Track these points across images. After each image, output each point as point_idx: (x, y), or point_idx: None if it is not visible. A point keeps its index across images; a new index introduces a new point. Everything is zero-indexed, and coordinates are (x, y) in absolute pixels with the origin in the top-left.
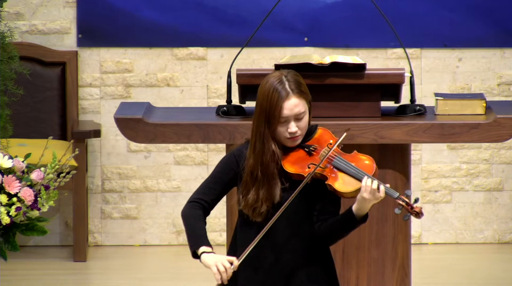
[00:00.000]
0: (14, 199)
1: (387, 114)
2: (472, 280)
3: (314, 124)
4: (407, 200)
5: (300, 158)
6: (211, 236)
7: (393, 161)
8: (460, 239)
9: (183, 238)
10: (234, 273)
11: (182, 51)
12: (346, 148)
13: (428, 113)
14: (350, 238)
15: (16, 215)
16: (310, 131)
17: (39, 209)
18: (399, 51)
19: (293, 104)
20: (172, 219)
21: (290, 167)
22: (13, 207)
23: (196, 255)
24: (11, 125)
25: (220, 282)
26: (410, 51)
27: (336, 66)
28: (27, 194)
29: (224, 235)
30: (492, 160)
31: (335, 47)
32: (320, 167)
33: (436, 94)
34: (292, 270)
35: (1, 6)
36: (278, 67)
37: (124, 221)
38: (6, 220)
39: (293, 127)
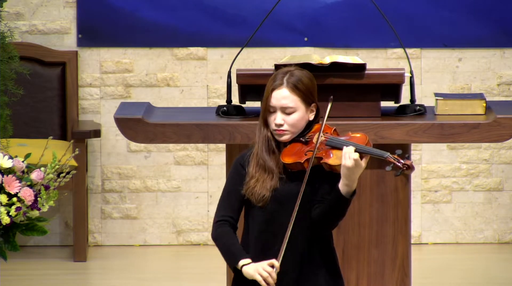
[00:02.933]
0: (14, 199)
1: (387, 114)
2: (472, 280)
3: (311, 122)
4: (397, 157)
5: (297, 149)
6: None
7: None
8: (460, 239)
9: (183, 238)
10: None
11: (182, 51)
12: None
13: (428, 113)
14: (350, 238)
15: (16, 215)
16: (306, 128)
17: (39, 209)
18: (399, 51)
19: (281, 95)
20: (172, 219)
21: (288, 158)
22: (13, 207)
23: (236, 270)
24: (11, 125)
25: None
26: (410, 51)
27: (336, 66)
28: (27, 194)
29: None
30: (492, 160)
31: (335, 47)
32: (317, 151)
33: (436, 94)
34: (295, 259)
35: (1, 6)
36: (278, 67)
37: (124, 221)
38: (6, 220)
39: (278, 118)
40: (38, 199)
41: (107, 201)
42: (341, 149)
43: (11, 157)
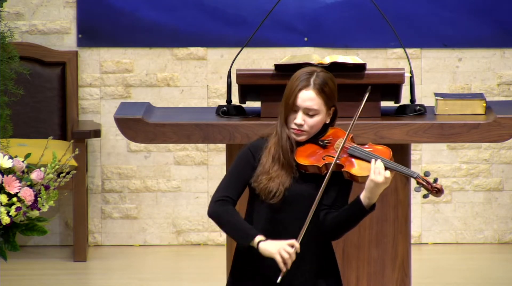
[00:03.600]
0: (14, 199)
1: (387, 114)
2: (472, 280)
3: (326, 125)
4: (426, 178)
5: (314, 151)
6: (211, 236)
7: (393, 161)
8: (460, 239)
9: (183, 238)
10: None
11: (182, 51)
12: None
13: (428, 113)
14: (350, 238)
15: (16, 215)
16: (322, 131)
17: (39, 209)
18: (399, 51)
19: (308, 97)
20: (172, 219)
21: (304, 160)
22: (13, 207)
23: (244, 247)
24: (11, 125)
25: (284, 269)
26: (410, 51)
27: (336, 66)
28: (27, 194)
29: (224, 235)
30: (492, 160)
31: (335, 47)
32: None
33: (436, 94)
34: (300, 262)
35: (1, 6)
36: (278, 67)
37: (124, 221)
38: (6, 220)
39: (299, 118)
40: (38, 199)
41: (107, 201)
42: (364, 160)
43: (11, 157)
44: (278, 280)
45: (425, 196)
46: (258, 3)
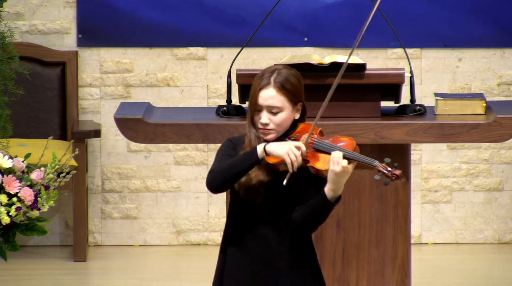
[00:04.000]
0: (14, 199)
1: (387, 114)
2: (472, 280)
3: (296, 121)
4: (386, 166)
5: None
6: (211, 236)
7: (393, 161)
8: (460, 239)
9: (183, 238)
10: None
11: (182, 51)
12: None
13: (428, 113)
14: (350, 237)
15: (16, 215)
16: (291, 127)
17: (39, 209)
18: (399, 51)
19: (268, 95)
20: (172, 219)
21: (273, 158)
22: (13, 207)
23: (256, 161)
24: (11, 125)
25: (291, 171)
26: (410, 51)
27: (336, 66)
28: (27, 194)
29: None
30: (492, 160)
31: (335, 47)
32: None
33: (436, 94)
34: (277, 260)
35: (1, 6)
36: None
37: (124, 221)
38: (6, 220)
39: (264, 117)
40: (38, 199)
41: (107, 201)
42: (328, 153)
43: (11, 157)
44: (285, 182)
45: (386, 184)
46: (258, 3)
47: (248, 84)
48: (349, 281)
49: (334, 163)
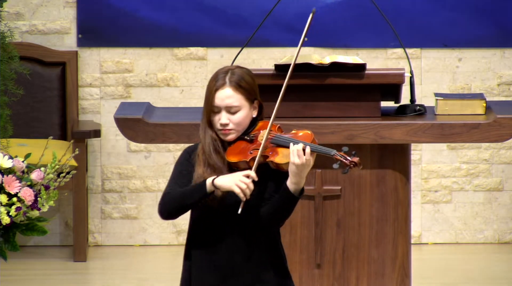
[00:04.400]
0: (14, 199)
1: (387, 114)
2: (472, 280)
3: (254, 119)
4: (344, 154)
5: (243, 148)
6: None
7: (393, 161)
8: (460, 239)
9: (183, 238)
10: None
11: (182, 51)
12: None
13: (428, 113)
14: (350, 237)
15: (16, 215)
16: (250, 126)
17: (39, 209)
18: (399, 51)
19: (225, 95)
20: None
21: (233, 158)
22: (13, 207)
23: (205, 194)
24: (11, 125)
25: (244, 199)
26: (410, 51)
27: (336, 66)
28: (27, 194)
29: None
30: (492, 160)
31: (335, 47)
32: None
33: (436, 94)
34: (242, 261)
35: (1, 6)
36: (278, 67)
37: (124, 221)
38: (6, 220)
39: (223, 118)
40: (38, 199)
41: (107, 201)
42: (287, 147)
43: (11, 157)
44: (239, 211)
45: (344, 172)
46: (258, 3)
47: None
48: (349, 281)
49: (294, 155)
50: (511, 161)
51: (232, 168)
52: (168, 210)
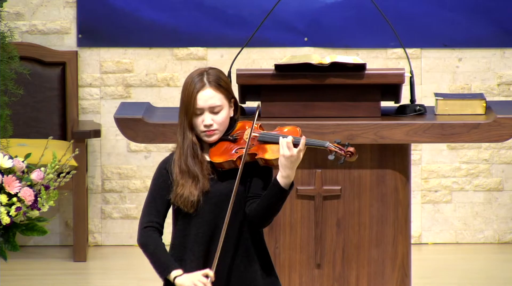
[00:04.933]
0: (14, 199)
1: (387, 114)
2: (472, 280)
3: (234, 120)
4: (338, 145)
5: (226, 148)
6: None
7: (393, 161)
8: (460, 239)
9: None
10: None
11: (182, 51)
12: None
13: (428, 113)
14: (350, 237)
15: (16, 215)
16: (231, 126)
17: (39, 209)
18: (399, 51)
19: (208, 96)
20: (172, 219)
21: (218, 158)
22: (13, 207)
23: (168, 282)
24: (11, 125)
25: None
26: (410, 51)
27: (336, 66)
28: (27, 194)
29: None
30: (492, 160)
31: (335, 47)
32: (249, 147)
33: (436, 94)
34: (228, 260)
35: (1, 6)
36: (278, 67)
37: (124, 221)
38: (6, 220)
39: (207, 119)
40: (38, 199)
41: (107, 201)
42: (274, 143)
43: (11, 157)
44: None
45: (340, 162)
46: (258, 3)
47: (248, 84)
48: (349, 281)
49: (284, 147)
50: (511, 161)
51: (217, 168)
52: (142, 250)
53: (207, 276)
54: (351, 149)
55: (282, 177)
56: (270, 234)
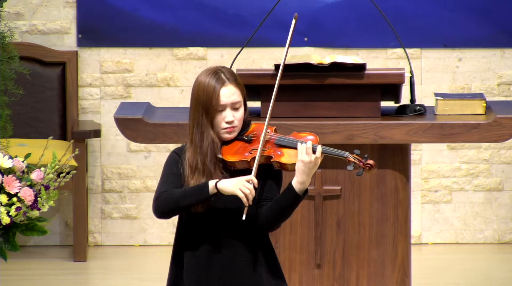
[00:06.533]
0: (14, 199)
1: (387, 114)
2: (472, 280)
3: (248, 120)
4: (358, 157)
5: (240, 147)
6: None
7: (393, 161)
8: (460, 239)
9: None
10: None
11: (182, 51)
12: (347, 148)
13: (428, 113)
14: (350, 237)
15: (16, 215)
16: (245, 126)
17: (39, 209)
18: (399, 51)
19: (230, 92)
20: (172, 219)
21: (232, 157)
22: (13, 207)
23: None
24: (11, 125)
25: (247, 204)
26: (410, 51)
27: (336, 66)
28: (27, 194)
29: None
30: (492, 160)
31: (335, 47)
32: (263, 149)
33: (436, 94)
34: (234, 262)
35: (1, 6)
36: (278, 67)
37: (124, 221)
38: (6, 220)
39: (229, 116)
40: (38, 199)
41: (107, 201)
42: (291, 147)
43: (11, 157)
44: (244, 217)
45: (359, 174)
46: (258, 3)
47: (249, 84)
48: (349, 281)
49: (303, 153)
50: (511, 161)
51: (228, 167)
52: (163, 209)
53: (250, 181)
54: (371, 162)
55: (298, 182)
56: (270, 234)
